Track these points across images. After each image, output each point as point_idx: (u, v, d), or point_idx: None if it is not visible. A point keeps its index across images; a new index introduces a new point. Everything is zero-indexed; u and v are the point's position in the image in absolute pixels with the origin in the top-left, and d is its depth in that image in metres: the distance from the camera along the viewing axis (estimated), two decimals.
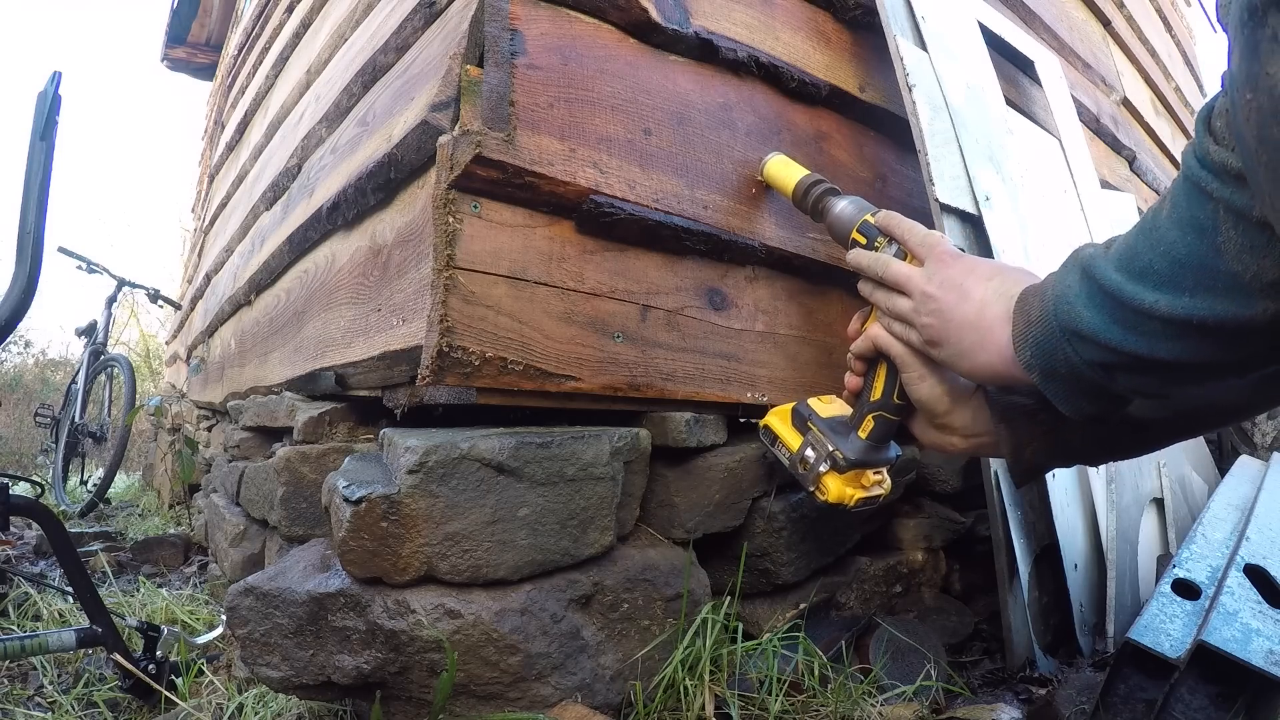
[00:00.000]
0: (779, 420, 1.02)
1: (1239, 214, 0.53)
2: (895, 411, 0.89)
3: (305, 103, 1.97)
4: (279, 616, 0.88)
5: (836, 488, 0.93)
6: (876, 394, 0.90)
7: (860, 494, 0.94)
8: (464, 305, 0.92)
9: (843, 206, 1.01)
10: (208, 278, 3.25)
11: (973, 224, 1.38)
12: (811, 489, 0.95)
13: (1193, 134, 0.57)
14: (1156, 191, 2.74)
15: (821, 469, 0.94)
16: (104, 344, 4.02)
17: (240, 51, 3.47)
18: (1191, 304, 0.56)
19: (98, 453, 4.26)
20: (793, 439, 0.99)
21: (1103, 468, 1.41)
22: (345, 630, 0.86)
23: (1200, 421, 0.75)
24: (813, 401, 0.99)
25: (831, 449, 0.93)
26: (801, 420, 0.98)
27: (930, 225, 1.34)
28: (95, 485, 3.31)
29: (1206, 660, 0.86)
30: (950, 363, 0.78)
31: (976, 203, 1.37)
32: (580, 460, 0.96)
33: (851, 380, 0.92)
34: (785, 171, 1.15)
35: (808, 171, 1.12)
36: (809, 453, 0.95)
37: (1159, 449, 0.82)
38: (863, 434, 0.92)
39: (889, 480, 0.99)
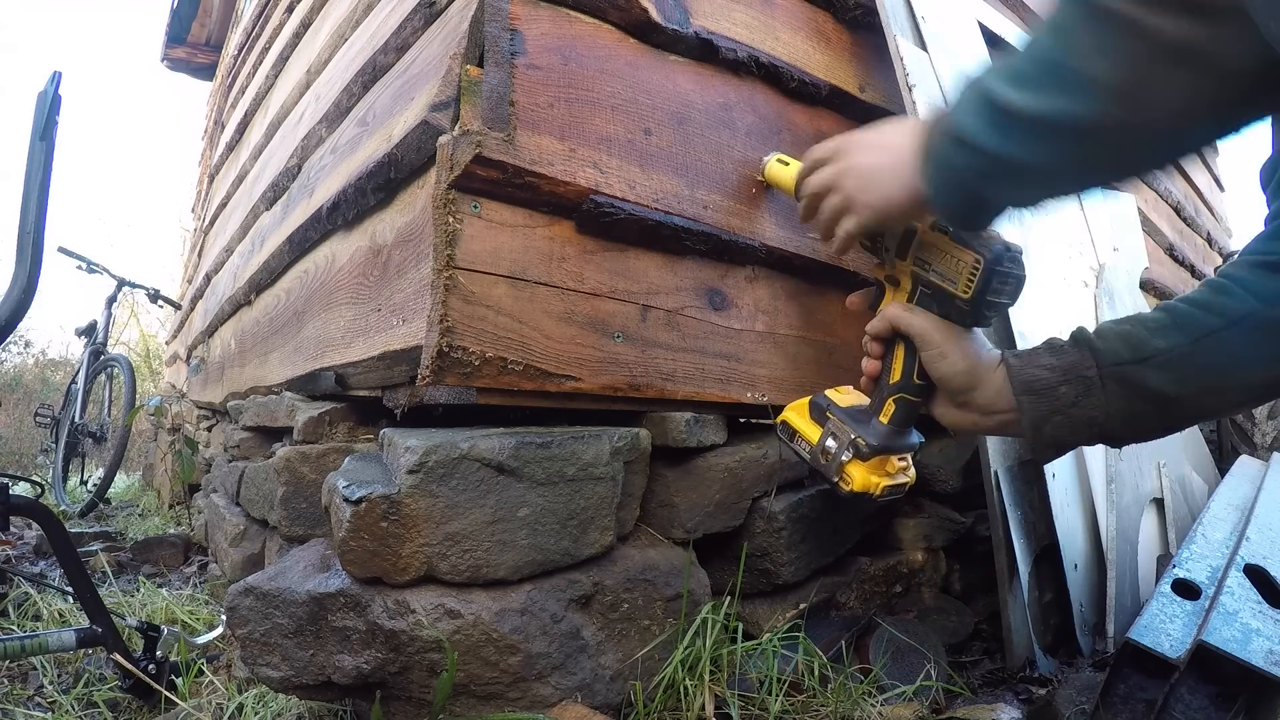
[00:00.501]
0: (796, 414, 0.99)
1: (1090, 10, 0.57)
2: (916, 393, 0.87)
3: (305, 103, 1.97)
4: (279, 616, 0.88)
5: (861, 476, 0.90)
6: (896, 375, 0.87)
7: (886, 481, 0.91)
8: (464, 305, 0.92)
9: None
10: (208, 278, 3.25)
11: None
12: (835, 480, 0.92)
13: None
14: (1156, 191, 2.74)
15: (844, 458, 0.90)
16: (104, 344, 4.01)
17: (240, 51, 3.47)
18: (1046, 102, 0.60)
19: (98, 453, 4.26)
20: (812, 431, 0.96)
21: (1102, 467, 1.41)
22: (345, 630, 0.86)
23: (1223, 398, 0.74)
24: (830, 392, 0.97)
25: (854, 436, 0.90)
26: (820, 412, 0.96)
27: None
28: (95, 485, 3.31)
29: (1206, 660, 0.86)
30: (874, 206, 0.82)
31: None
32: (580, 460, 0.96)
33: (869, 364, 0.90)
34: (786, 170, 1.15)
35: (801, 165, 1.12)
36: (830, 443, 0.92)
37: (1184, 427, 0.81)
38: (884, 419, 0.89)
39: (914, 469, 0.95)
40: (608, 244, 1.07)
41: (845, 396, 0.97)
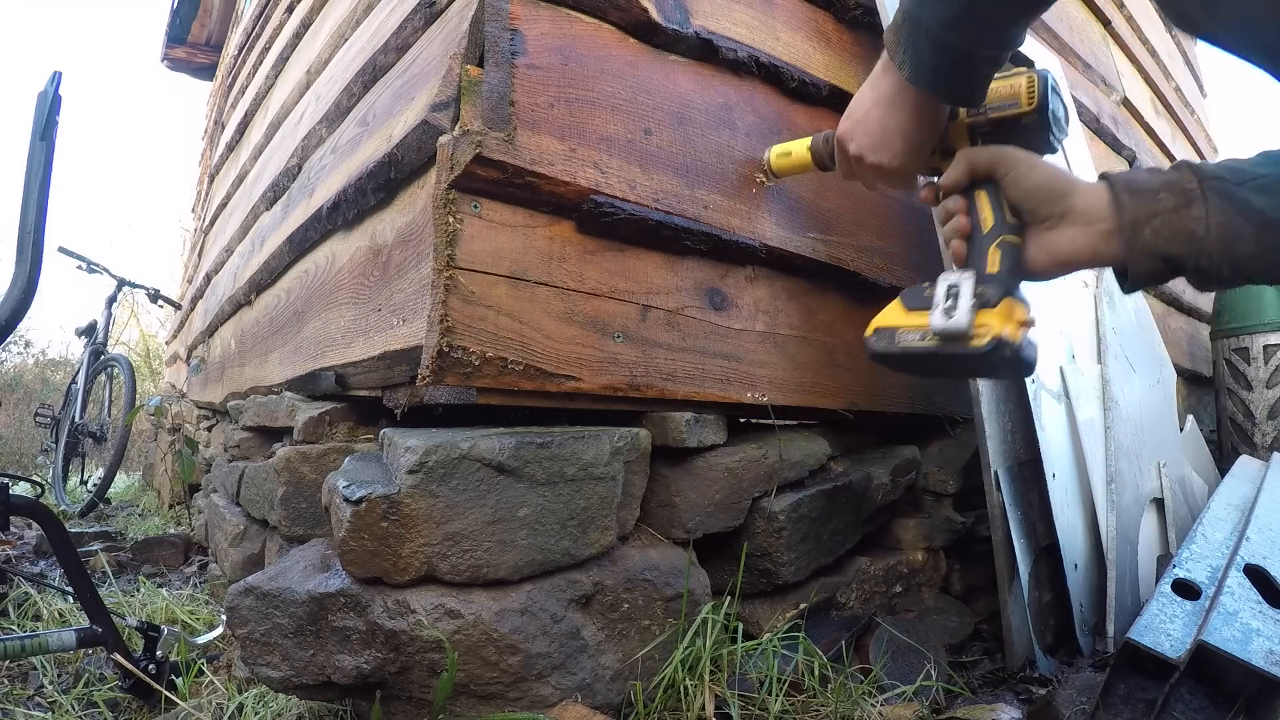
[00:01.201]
0: (889, 316, 0.89)
1: None
2: (1015, 231, 0.81)
3: (305, 103, 1.97)
4: (279, 616, 0.88)
5: (998, 322, 0.78)
6: (989, 221, 0.82)
7: (1021, 328, 0.80)
8: (464, 305, 0.92)
9: None
10: (208, 278, 3.25)
11: None
12: (970, 334, 0.79)
13: None
14: None
15: (972, 304, 0.79)
16: (104, 344, 4.01)
17: (240, 51, 3.47)
18: None
19: (98, 453, 4.26)
20: (918, 318, 0.85)
21: (1102, 467, 1.41)
22: (345, 630, 0.86)
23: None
24: (918, 285, 0.89)
25: (974, 288, 0.79)
26: (916, 297, 0.86)
27: (930, 227, 1.34)
28: (95, 485, 3.31)
29: (1207, 660, 0.86)
30: (884, 146, 0.85)
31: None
32: (580, 460, 0.96)
33: (960, 221, 0.84)
34: (791, 147, 1.15)
35: (810, 136, 1.13)
36: (947, 302, 0.80)
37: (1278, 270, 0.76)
38: (993, 268, 0.81)
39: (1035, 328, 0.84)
40: (608, 244, 1.07)
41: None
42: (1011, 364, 0.80)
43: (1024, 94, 0.81)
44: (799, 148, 1.15)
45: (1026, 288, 0.84)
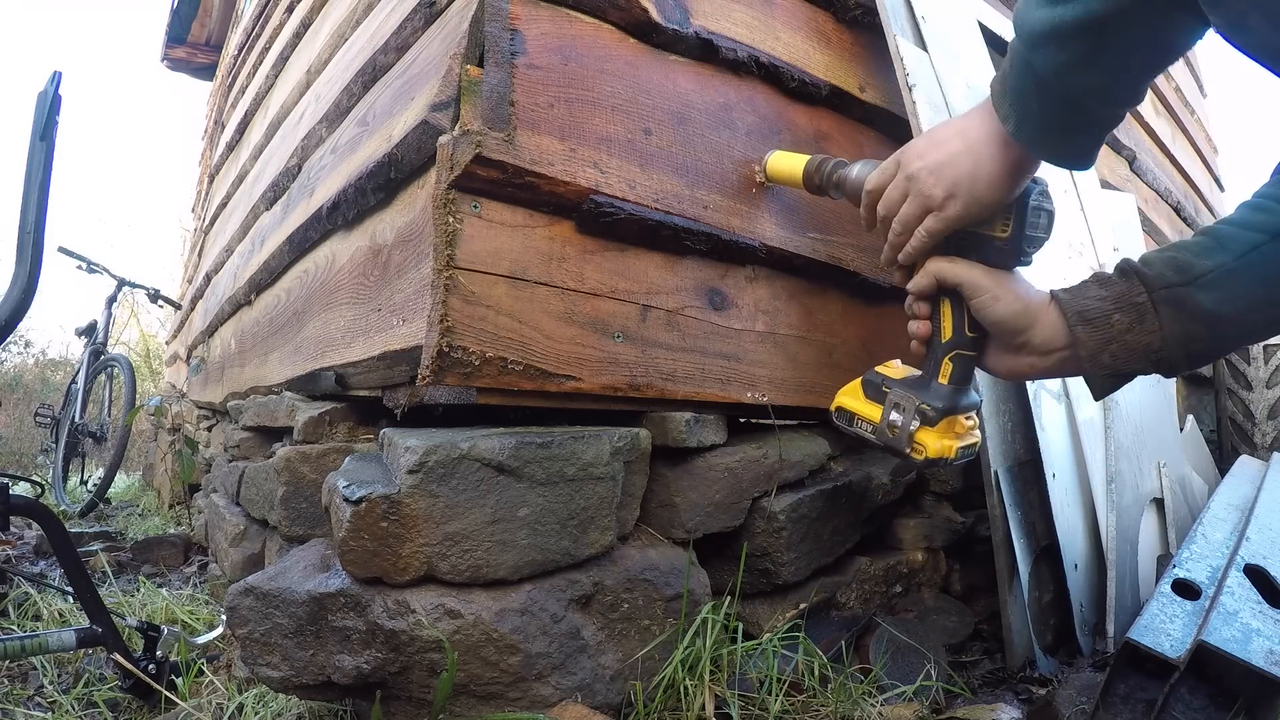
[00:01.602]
0: (850, 398, 0.97)
1: None
2: (971, 346, 0.86)
3: (305, 103, 1.98)
4: (279, 616, 0.88)
5: (933, 442, 0.87)
6: (948, 332, 0.86)
7: (958, 444, 0.88)
8: (464, 305, 0.92)
9: (858, 170, 1.00)
10: (208, 278, 3.25)
11: None
12: (907, 451, 0.89)
13: None
14: (1156, 191, 2.74)
15: (913, 427, 0.87)
16: (104, 344, 4.01)
17: (240, 51, 3.47)
18: None
19: (98, 453, 4.26)
20: (871, 410, 0.93)
21: (1102, 467, 1.41)
22: (345, 630, 0.86)
23: (1271, 314, 0.73)
24: (879, 369, 0.95)
25: (918, 403, 0.87)
26: (874, 388, 0.93)
27: None
28: (95, 485, 3.31)
29: (1207, 660, 0.86)
30: (970, 196, 0.79)
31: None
32: (580, 460, 0.96)
33: (919, 327, 0.88)
34: (788, 162, 1.15)
35: (810, 156, 1.12)
36: (894, 415, 0.89)
37: (1238, 346, 0.81)
38: (944, 379, 0.87)
39: (979, 430, 0.93)
40: (608, 244, 1.07)
41: (895, 370, 0.95)
42: (948, 468, 0.88)
43: (999, 220, 0.81)
44: (794, 163, 1.14)
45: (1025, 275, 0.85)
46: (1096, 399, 0.83)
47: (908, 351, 0.93)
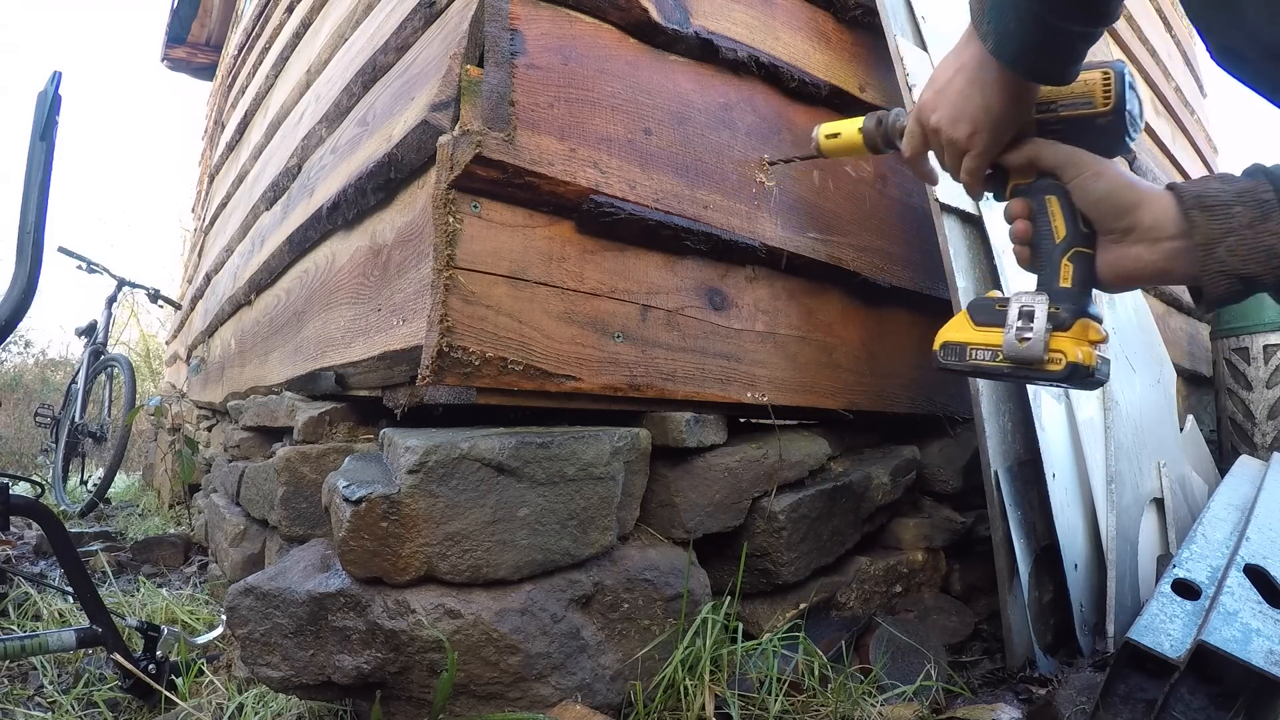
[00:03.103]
0: (956, 331, 0.87)
1: None
2: (1087, 243, 0.78)
3: (305, 103, 1.98)
4: (279, 616, 0.88)
5: (1072, 348, 0.77)
6: (1061, 231, 0.78)
7: (1095, 351, 0.79)
8: (464, 305, 0.92)
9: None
10: (208, 278, 3.25)
11: (974, 224, 1.38)
12: (1044, 361, 0.78)
13: None
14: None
15: (1046, 331, 0.78)
16: (104, 344, 4.01)
17: (240, 51, 3.47)
18: None
19: (98, 453, 4.26)
20: (988, 334, 0.83)
21: (1102, 467, 1.41)
22: (345, 630, 0.86)
23: None
24: (986, 295, 0.87)
25: (1048, 309, 0.78)
26: (986, 311, 0.84)
27: (930, 227, 1.34)
28: (95, 485, 3.31)
29: (1207, 660, 0.86)
30: (991, 124, 0.77)
31: (976, 203, 1.37)
32: (580, 460, 0.96)
33: (1021, 226, 0.81)
34: (839, 127, 1.08)
35: (864, 116, 1.05)
36: (1021, 325, 0.79)
37: None
38: (1066, 282, 0.78)
39: (1108, 345, 0.83)
40: (608, 244, 1.07)
41: (1000, 295, 0.87)
42: (1086, 383, 0.80)
43: (1099, 92, 0.76)
44: (848, 128, 1.08)
45: (1022, 285, 0.83)
46: (1207, 309, 0.74)
47: (908, 352, 0.92)
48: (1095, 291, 0.80)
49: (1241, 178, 0.70)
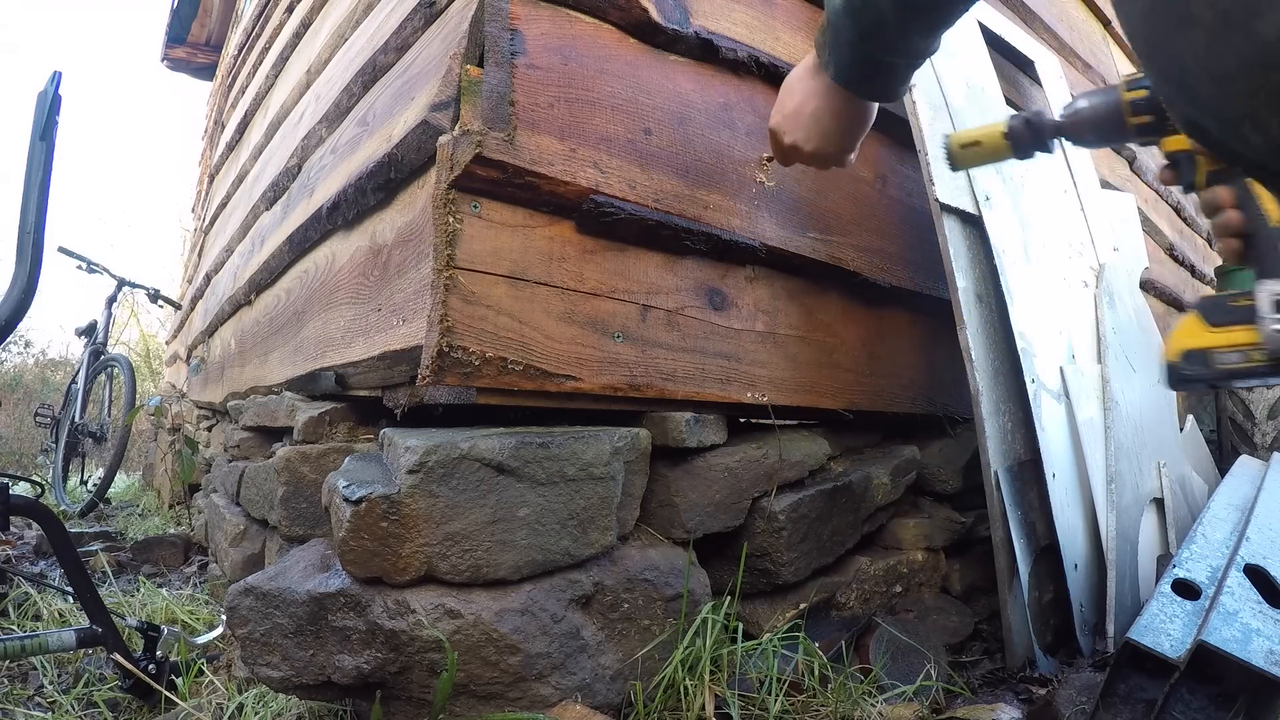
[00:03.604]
0: (1192, 338, 0.82)
1: None
2: None
3: (305, 103, 1.97)
4: (279, 616, 0.88)
5: None
6: (1276, 213, 0.73)
7: None
8: (464, 305, 0.92)
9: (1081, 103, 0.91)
10: (208, 278, 3.25)
11: (973, 224, 1.38)
12: None
13: None
14: (1156, 191, 2.74)
15: None
16: (104, 344, 4.01)
17: (240, 51, 3.47)
18: None
19: (98, 453, 4.26)
20: (1233, 335, 0.78)
21: (1102, 467, 1.41)
22: (345, 630, 0.86)
23: None
24: (1204, 296, 0.83)
25: None
26: (1219, 310, 0.79)
27: (930, 227, 1.34)
28: (95, 485, 3.31)
29: (1206, 660, 0.86)
30: (821, 133, 0.94)
31: (976, 203, 1.37)
32: (580, 460, 0.96)
33: (1232, 218, 0.75)
34: (978, 135, 1.03)
35: (1004, 120, 1.01)
36: (1277, 319, 0.71)
37: None
38: None
39: None
40: (608, 244, 1.07)
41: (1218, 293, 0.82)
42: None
43: None
44: (989, 134, 1.02)
45: (1022, 288, 0.83)
46: None
47: (908, 352, 0.92)
48: (1102, 291, 0.79)
49: None
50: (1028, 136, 0.99)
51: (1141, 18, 0.47)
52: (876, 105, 0.93)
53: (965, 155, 1.05)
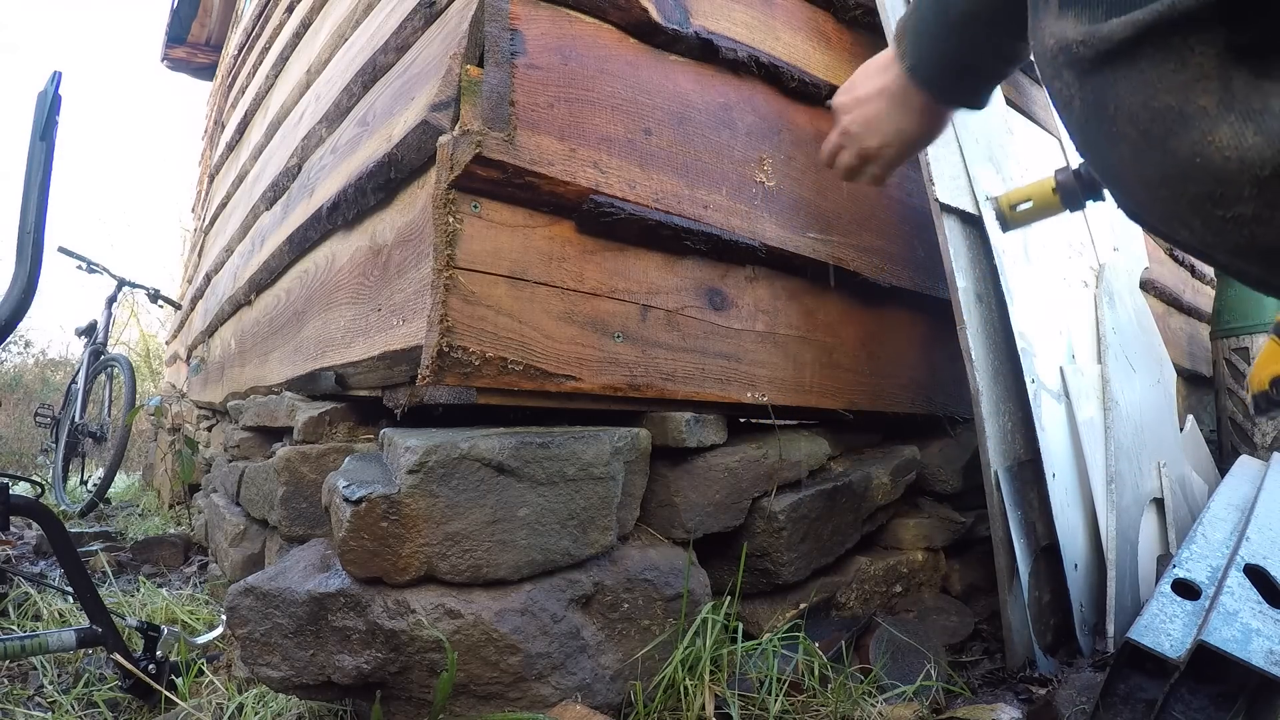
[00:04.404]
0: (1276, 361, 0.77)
1: None
2: None
3: (305, 103, 1.97)
4: (279, 616, 0.88)
5: None
6: None
7: None
8: (464, 305, 0.92)
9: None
10: (208, 278, 3.25)
11: (973, 224, 1.38)
12: None
13: None
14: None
15: None
16: (104, 344, 4.01)
17: (240, 51, 3.47)
18: None
19: (98, 453, 4.26)
20: None
21: (1102, 467, 1.41)
22: (345, 630, 0.86)
23: None
24: None
25: None
26: None
27: (930, 227, 1.34)
28: (95, 485, 3.31)
29: (1206, 660, 0.86)
30: (883, 131, 0.85)
31: (976, 203, 1.37)
32: (580, 460, 0.96)
33: None
34: (1029, 193, 1.01)
35: (1051, 174, 0.99)
36: None
37: None
38: None
39: None
40: (608, 244, 1.07)
41: None
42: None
43: None
44: (1039, 191, 1.01)
45: (1022, 288, 0.82)
46: None
47: (908, 352, 0.91)
48: (1102, 291, 0.78)
49: None
50: (1077, 187, 0.98)
51: (1078, 129, 0.51)
52: (949, 117, 0.84)
53: (1018, 216, 1.04)
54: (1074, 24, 0.47)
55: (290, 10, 2.46)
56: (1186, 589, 1.04)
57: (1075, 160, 1.79)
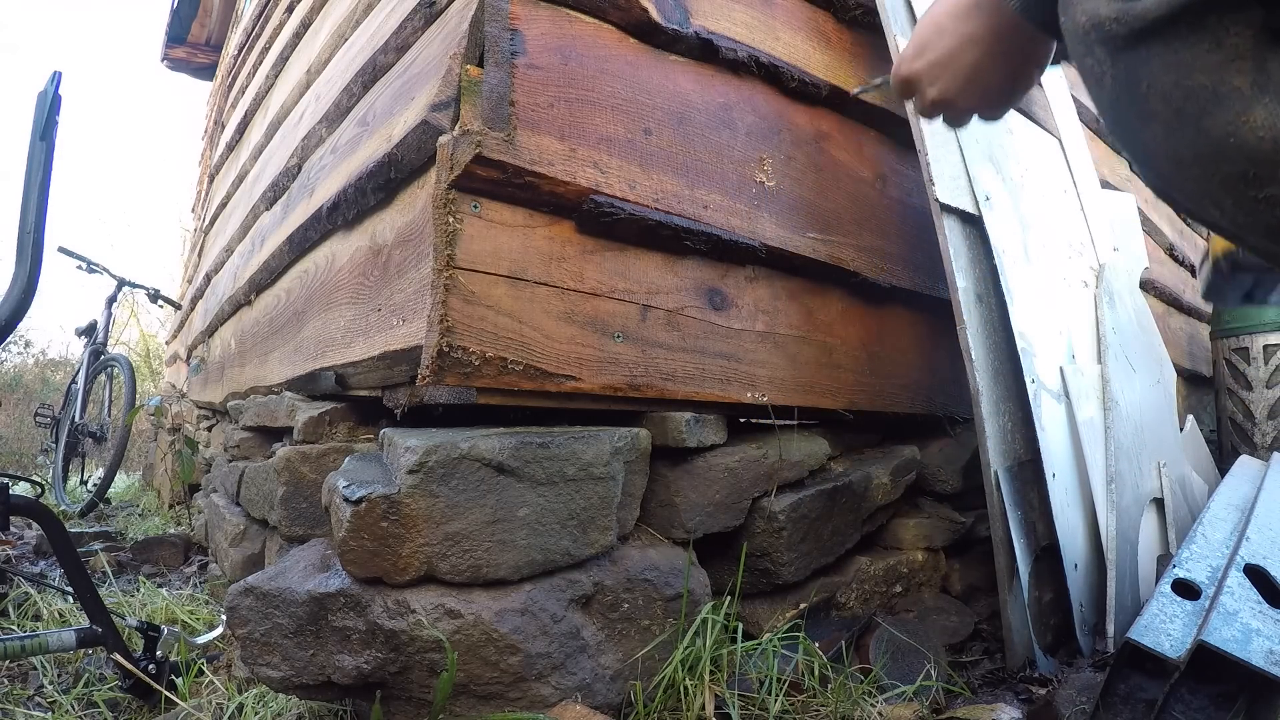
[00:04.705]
0: None
1: None
2: None
3: (305, 103, 1.97)
4: (279, 616, 0.88)
5: None
6: None
7: None
8: (464, 305, 0.92)
9: None
10: (208, 278, 3.25)
11: (973, 224, 1.38)
12: None
13: None
14: (1156, 191, 2.74)
15: None
16: (104, 344, 4.01)
17: (240, 51, 3.47)
18: None
19: (98, 453, 4.26)
20: None
21: (1102, 467, 1.41)
22: (345, 630, 0.86)
23: None
24: None
25: None
26: None
27: (930, 226, 1.34)
28: (95, 485, 3.31)
29: (1206, 660, 0.86)
30: (973, 80, 0.74)
31: (976, 203, 1.37)
32: (580, 460, 0.96)
33: None
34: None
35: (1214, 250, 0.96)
36: None
37: None
38: None
39: None
40: (608, 244, 1.07)
41: None
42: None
43: None
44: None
45: (1022, 288, 0.83)
46: None
47: (908, 352, 0.90)
48: (1102, 291, 0.77)
49: None
50: (1225, 265, 0.94)
51: (1109, 106, 0.51)
52: (1051, 52, 0.74)
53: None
54: (1107, 1, 0.47)
55: (290, 10, 2.46)
56: (1186, 589, 1.04)
57: (1075, 160, 1.79)
